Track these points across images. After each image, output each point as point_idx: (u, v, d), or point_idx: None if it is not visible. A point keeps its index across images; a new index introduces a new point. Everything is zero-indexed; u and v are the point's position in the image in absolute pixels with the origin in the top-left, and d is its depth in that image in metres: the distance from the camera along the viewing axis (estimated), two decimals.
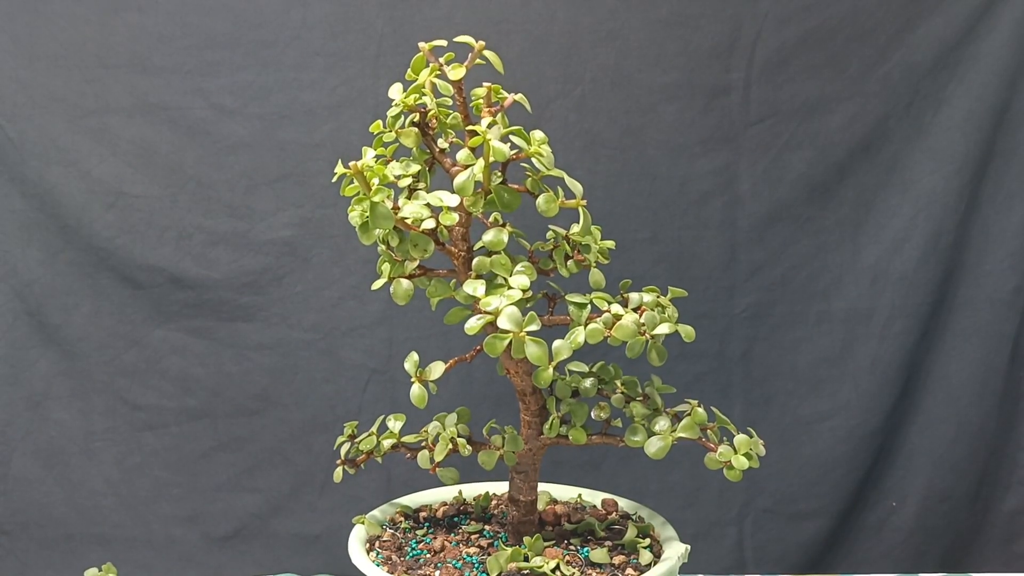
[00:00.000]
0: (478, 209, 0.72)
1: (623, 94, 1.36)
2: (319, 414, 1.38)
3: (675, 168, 1.37)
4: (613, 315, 0.74)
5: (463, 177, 0.70)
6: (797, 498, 1.41)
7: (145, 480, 1.38)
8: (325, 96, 1.35)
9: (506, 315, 0.69)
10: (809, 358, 1.41)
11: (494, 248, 0.73)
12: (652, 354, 0.77)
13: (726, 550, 1.41)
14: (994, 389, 1.40)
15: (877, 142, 1.37)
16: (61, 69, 1.32)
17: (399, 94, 0.76)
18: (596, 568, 0.80)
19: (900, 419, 1.41)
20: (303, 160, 1.35)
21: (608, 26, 1.35)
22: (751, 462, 0.76)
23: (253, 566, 1.39)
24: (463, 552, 0.82)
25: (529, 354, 0.69)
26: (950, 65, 1.35)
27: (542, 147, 0.71)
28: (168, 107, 1.34)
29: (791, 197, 1.38)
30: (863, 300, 1.39)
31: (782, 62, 1.36)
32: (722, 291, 1.39)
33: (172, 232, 1.35)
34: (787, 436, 1.40)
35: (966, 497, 1.42)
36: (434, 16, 1.34)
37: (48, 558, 1.37)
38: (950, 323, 1.39)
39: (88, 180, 1.33)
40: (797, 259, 1.39)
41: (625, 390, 0.83)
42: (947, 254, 1.38)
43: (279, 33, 1.33)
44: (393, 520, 0.90)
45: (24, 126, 1.32)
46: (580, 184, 0.73)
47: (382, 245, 0.76)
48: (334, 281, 1.37)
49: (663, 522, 0.87)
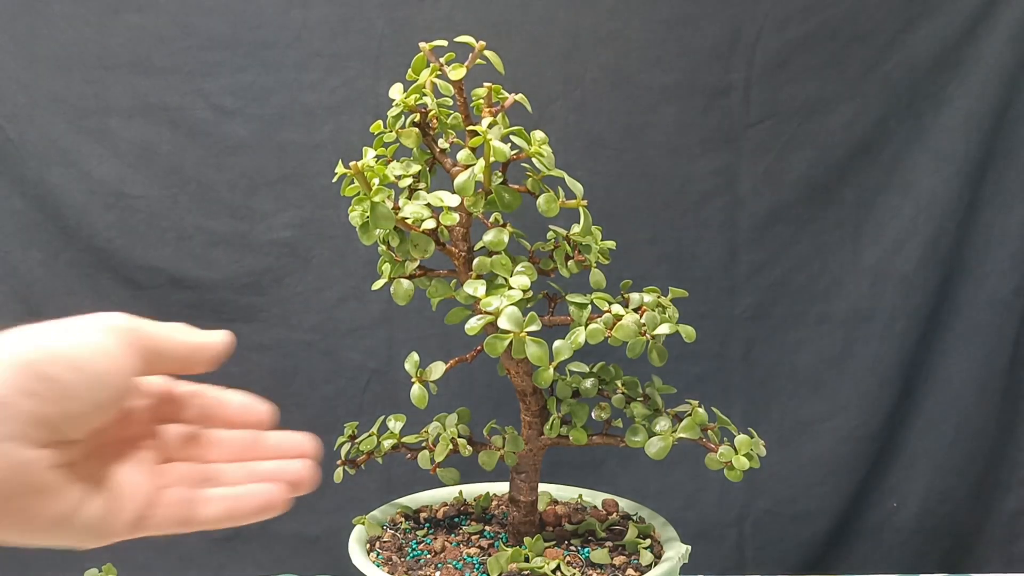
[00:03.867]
0: (479, 209, 0.72)
1: (623, 95, 1.36)
2: (319, 415, 1.38)
3: (675, 168, 1.37)
4: (614, 315, 0.74)
5: (464, 177, 0.70)
6: (797, 499, 1.41)
7: None
8: (325, 97, 1.34)
9: (506, 315, 0.69)
10: (809, 359, 1.41)
11: (495, 248, 0.73)
12: (653, 354, 0.77)
13: (727, 551, 1.41)
14: (994, 390, 1.40)
15: (877, 143, 1.37)
16: (62, 70, 1.32)
17: (399, 94, 0.76)
18: (597, 569, 0.80)
19: (900, 420, 1.41)
20: (303, 161, 1.35)
21: (608, 26, 1.35)
22: (752, 462, 0.76)
23: (253, 567, 1.39)
24: (463, 553, 0.82)
25: (530, 354, 0.69)
26: (950, 65, 1.35)
27: (542, 147, 0.71)
28: (168, 108, 1.34)
29: (791, 198, 1.38)
30: (863, 301, 1.39)
31: (782, 62, 1.36)
32: (722, 292, 1.39)
33: (172, 233, 1.35)
34: (787, 437, 1.40)
35: (966, 498, 1.41)
36: (434, 16, 1.34)
37: (48, 558, 1.37)
38: (950, 324, 1.39)
39: (88, 181, 1.33)
40: (797, 260, 1.39)
41: (626, 390, 0.83)
42: (947, 255, 1.38)
43: (279, 34, 1.33)
44: (393, 521, 0.90)
45: (24, 127, 1.32)
46: (580, 184, 0.73)
47: (382, 245, 0.76)
48: (334, 282, 1.37)
49: (664, 523, 0.87)
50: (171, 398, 0.54)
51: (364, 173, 0.68)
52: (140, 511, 0.48)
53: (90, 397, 0.44)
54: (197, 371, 0.52)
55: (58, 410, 0.43)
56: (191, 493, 0.50)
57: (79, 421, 0.44)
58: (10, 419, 0.41)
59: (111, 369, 0.45)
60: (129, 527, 0.48)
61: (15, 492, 0.42)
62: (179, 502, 0.50)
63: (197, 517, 0.50)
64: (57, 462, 0.44)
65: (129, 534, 0.48)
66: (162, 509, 0.49)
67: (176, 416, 0.54)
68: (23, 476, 0.42)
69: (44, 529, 0.44)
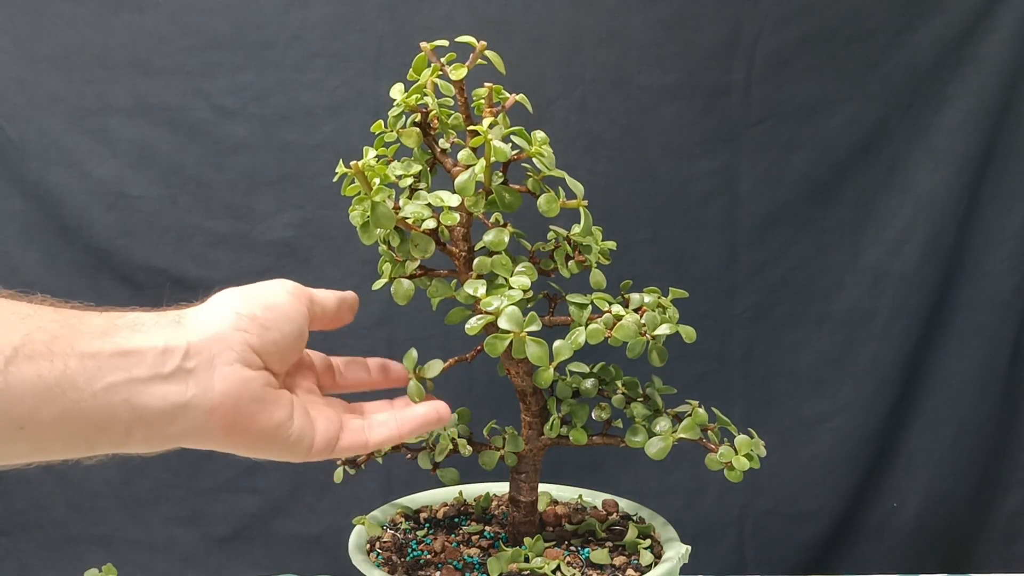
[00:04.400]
0: (479, 209, 0.72)
1: (623, 95, 1.36)
2: None
3: (675, 169, 1.37)
4: (614, 315, 0.74)
5: (464, 177, 0.70)
6: (797, 499, 1.41)
7: (145, 481, 1.38)
8: (325, 97, 1.34)
9: (506, 315, 0.69)
10: (809, 359, 1.41)
11: (495, 248, 0.73)
12: (653, 355, 0.77)
13: (726, 551, 1.41)
14: (994, 390, 1.40)
15: (877, 143, 1.37)
16: (61, 70, 1.32)
17: (400, 94, 0.76)
18: (597, 569, 0.80)
19: (900, 420, 1.41)
20: (303, 161, 1.35)
21: (608, 26, 1.35)
22: (752, 463, 0.76)
23: (253, 567, 1.39)
24: (464, 553, 0.82)
25: (530, 354, 0.69)
26: (950, 66, 1.35)
27: (543, 147, 0.71)
28: (168, 108, 1.34)
29: (791, 198, 1.38)
30: (863, 301, 1.39)
31: (782, 63, 1.36)
32: (722, 292, 1.39)
33: (172, 233, 1.35)
34: (787, 437, 1.40)
35: (966, 498, 1.42)
36: (435, 17, 1.34)
37: (48, 559, 1.37)
38: (950, 324, 1.39)
39: (88, 181, 1.33)
40: (797, 260, 1.39)
41: (626, 391, 0.83)
42: (947, 255, 1.38)
43: (279, 34, 1.33)
44: (393, 521, 0.90)
45: (24, 127, 1.32)
46: (581, 185, 0.73)
47: (383, 245, 0.76)
48: (334, 282, 1.35)
49: (664, 523, 0.87)
50: (329, 367, 0.72)
51: (364, 173, 0.68)
52: (331, 434, 0.62)
53: (280, 330, 0.60)
54: (344, 322, 0.71)
55: (260, 340, 0.58)
56: (364, 420, 0.66)
57: (277, 350, 0.59)
58: (229, 348, 0.56)
59: (292, 311, 0.62)
60: (321, 448, 0.61)
61: (243, 400, 0.56)
62: (358, 428, 0.65)
63: (373, 438, 0.65)
64: (269, 383, 0.58)
65: (320, 455, 0.61)
66: (346, 434, 0.63)
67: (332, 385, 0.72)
68: (247, 389, 0.56)
69: (264, 437, 0.58)
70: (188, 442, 0.55)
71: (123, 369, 0.51)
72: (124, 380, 0.51)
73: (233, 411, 0.55)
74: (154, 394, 0.52)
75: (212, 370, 0.54)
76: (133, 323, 0.54)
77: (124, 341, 0.52)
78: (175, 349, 0.53)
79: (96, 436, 0.51)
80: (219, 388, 0.54)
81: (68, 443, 0.51)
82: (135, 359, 0.51)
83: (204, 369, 0.54)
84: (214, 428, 0.55)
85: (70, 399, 0.49)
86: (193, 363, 0.53)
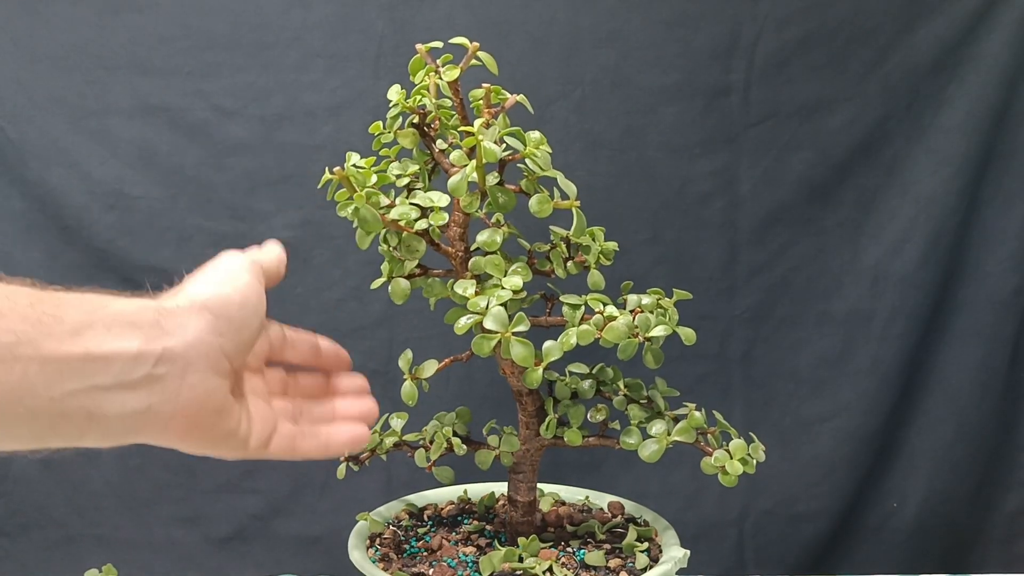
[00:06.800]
0: (474, 209, 0.72)
1: (623, 95, 1.36)
2: None
3: (675, 169, 1.37)
4: (606, 317, 0.74)
5: (456, 178, 0.70)
6: (798, 499, 1.41)
7: (145, 481, 1.38)
8: (325, 97, 1.34)
9: (492, 315, 0.69)
10: (809, 359, 1.40)
11: (488, 248, 0.73)
12: (647, 356, 0.77)
13: (727, 551, 1.41)
14: (994, 390, 1.39)
15: (877, 143, 1.37)
16: (61, 70, 1.32)
17: (397, 96, 0.76)
18: (591, 571, 0.80)
19: (900, 420, 1.41)
20: (303, 161, 1.35)
21: (608, 27, 1.35)
22: (746, 467, 0.76)
23: (253, 567, 1.39)
24: (460, 551, 0.82)
25: (514, 355, 0.69)
26: (950, 66, 1.35)
27: (538, 148, 0.72)
28: (168, 108, 1.34)
29: (791, 198, 1.38)
30: (863, 301, 1.39)
31: (782, 63, 1.36)
32: (722, 292, 1.39)
33: (172, 233, 1.35)
34: (788, 437, 1.40)
35: (966, 498, 1.41)
36: (434, 17, 1.34)
37: (48, 560, 1.37)
38: (950, 324, 1.39)
39: (88, 181, 1.33)
40: (797, 260, 1.39)
41: (628, 392, 0.83)
42: (947, 255, 1.38)
43: (279, 34, 1.33)
44: (397, 517, 0.91)
45: (25, 127, 1.32)
46: (576, 185, 0.73)
47: (383, 245, 0.76)
48: (334, 283, 1.37)
49: (666, 526, 0.87)
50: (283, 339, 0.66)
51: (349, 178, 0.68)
52: (266, 435, 0.59)
53: (250, 326, 0.57)
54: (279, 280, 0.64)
55: (234, 344, 0.55)
56: (294, 427, 0.61)
57: (246, 348, 0.57)
58: (204, 355, 0.53)
59: (258, 299, 0.58)
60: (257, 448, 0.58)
61: (205, 410, 0.53)
62: (288, 434, 0.60)
63: (299, 449, 0.61)
64: (230, 388, 0.56)
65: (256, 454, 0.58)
66: (277, 438, 0.59)
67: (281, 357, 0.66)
68: (213, 399, 0.54)
69: (218, 441, 0.56)
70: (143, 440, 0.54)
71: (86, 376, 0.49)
72: (85, 388, 0.49)
73: (194, 419, 0.53)
74: (114, 401, 0.50)
75: (182, 378, 0.52)
76: (111, 319, 0.51)
77: (95, 344, 0.50)
78: (148, 354, 0.51)
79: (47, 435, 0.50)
80: (185, 397, 0.52)
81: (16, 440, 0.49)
82: (101, 365, 0.49)
83: (175, 376, 0.52)
84: (171, 433, 0.54)
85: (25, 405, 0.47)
86: (164, 369, 0.51)
